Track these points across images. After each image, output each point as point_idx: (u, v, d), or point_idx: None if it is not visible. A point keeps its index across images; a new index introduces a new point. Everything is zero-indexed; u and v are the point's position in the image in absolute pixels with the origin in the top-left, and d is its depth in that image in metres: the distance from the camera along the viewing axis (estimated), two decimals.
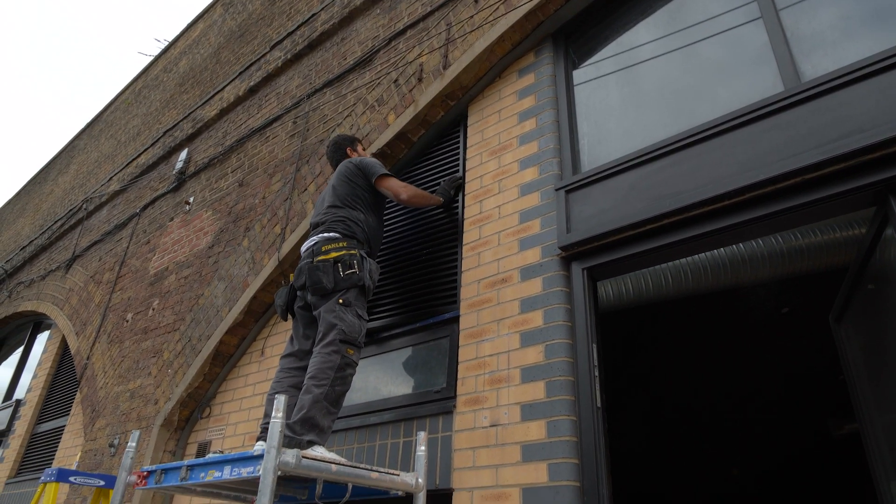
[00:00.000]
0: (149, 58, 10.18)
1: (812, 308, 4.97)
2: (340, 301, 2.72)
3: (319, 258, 2.83)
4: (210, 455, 2.45)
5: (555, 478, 2.38)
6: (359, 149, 3.63)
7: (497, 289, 3.02)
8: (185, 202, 5.99)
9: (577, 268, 2.83)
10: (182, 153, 6.49)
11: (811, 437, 7.33)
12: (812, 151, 2.29)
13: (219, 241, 5.13)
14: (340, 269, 2.78)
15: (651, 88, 3.17)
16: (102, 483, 3.98)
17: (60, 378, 7.11)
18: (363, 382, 3.46)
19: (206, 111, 6.50)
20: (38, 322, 8.46)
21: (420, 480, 2.46)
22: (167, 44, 9.25)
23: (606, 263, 2.78)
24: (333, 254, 2.83)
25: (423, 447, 2.54)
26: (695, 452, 7.85)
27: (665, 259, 2.85)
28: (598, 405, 2.48)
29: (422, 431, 2.60)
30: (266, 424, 2.75)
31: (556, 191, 3.04)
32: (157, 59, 9.44)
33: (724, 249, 3.59)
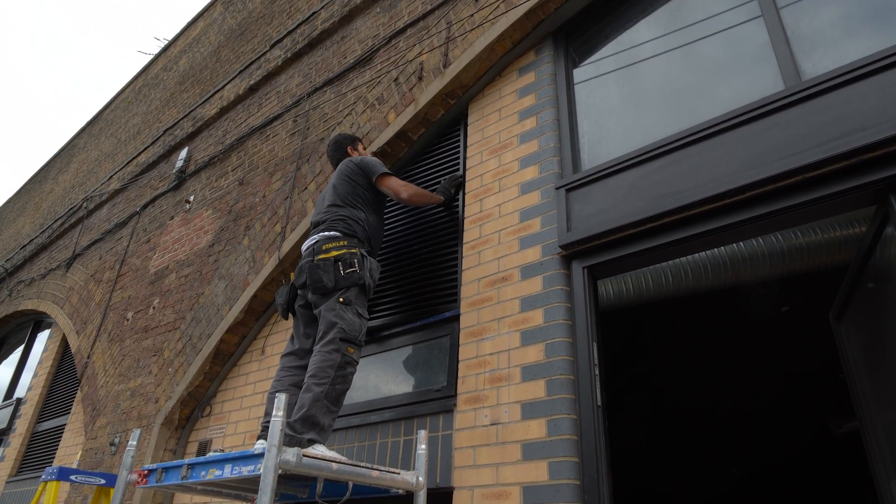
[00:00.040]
0: (149, 56, 10.19)
1: (812, 307, 4.97)
2: (341, 300, 2.72)
3: (320, 257, 2.83)
4: (211, 454, 2.46)
5: (555, 476, 2.38)
6: (360, 148, 3.63)
7: (497, 287, 3.02)
8: (186, 201, 5.99)
9: (578, 266, 2.83)
10: (182, 152, 6.49)
11: (811, 436, 7.33)
12: (812, 150, 2.29)
13: (219, 240, 5.13)
14: (341, 268, 2.78)
15: (651, 87, 3.17)
16: (103, 482, 3.99)
17: (61, 377, 7.11)
18: (363, 381, 3.46)
19: (207, 110, 6.50)
20: (39, 321, 8.47)
21: (420, 479, 2.46)
22: (167, 42, 9.25)
23: (607, 262, 2.78)
24: (334, 252, 2.83)
25: (424, 446, 2.55)
26: (695, 451, 7.85)
27: (665, 258, 2.85)
28: (599, 404, 2.49)
29: (422, 430, 2.60)
30: (267, 423, 2.75)
31: (557, 189, 3.04)
32: (158, 58, 9.44)
33: (725, 248, 3.60)
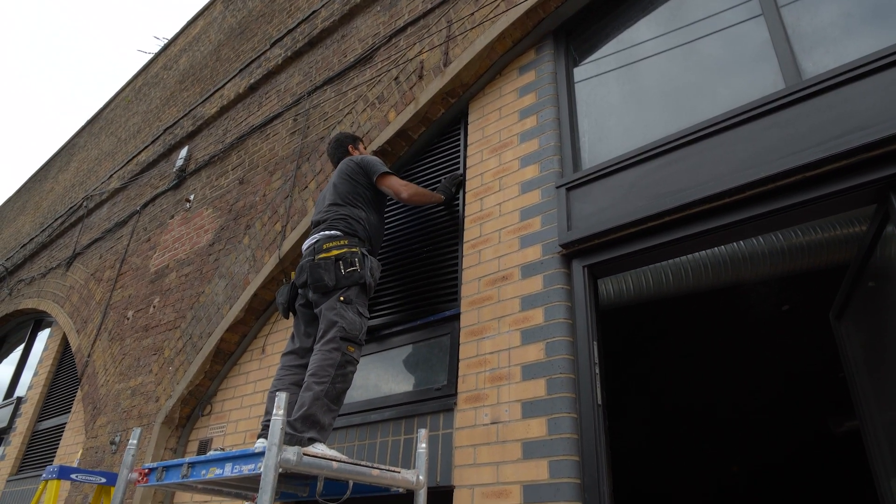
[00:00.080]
0: (149, 55, 10.18)
1: (812, 305, 4.97)
2: (341, 299, 2.73)
3: (321, 256, 2.83)
4: (211, 452, 2.46)
5: (555, 475, 2.39)
6: (360, 147, 3.64)
7: (498, 286, 3.02)
8: (186, 200, 5.99)
9: (578, 265, 2.83)
10: (182, 151, 6.49)
11: (811, 435, 7.33)
12: (813, 149, 2.29)
13: (219, 239, 5.13)
14: (342, 267, 2.78)
15: (652, 86, 3.17)
16: (104, 480, 4.00)
17: (61, 376, 7.12)
18: (364, 380, 3.46)
19: (207, 109, 6.49)
20: (39, 320, 8.47)
21: (421, 478, 2.46)
22: (167, 41, 9.24)
23: (607, 261, 2.78)
24: (335, 251, 2.83)
25: (424, 444, 2.55)
26: (695, 450, 7.86)
27: (666, 257, 2.85)
28: (599, 402, 2.49)
29: (423, 429, 2.60)
30: (267, 422, 2.75)
31: (557, 188, 3.04)
32: (158, 57, 9.43)
33: (725, 247, 3.59)
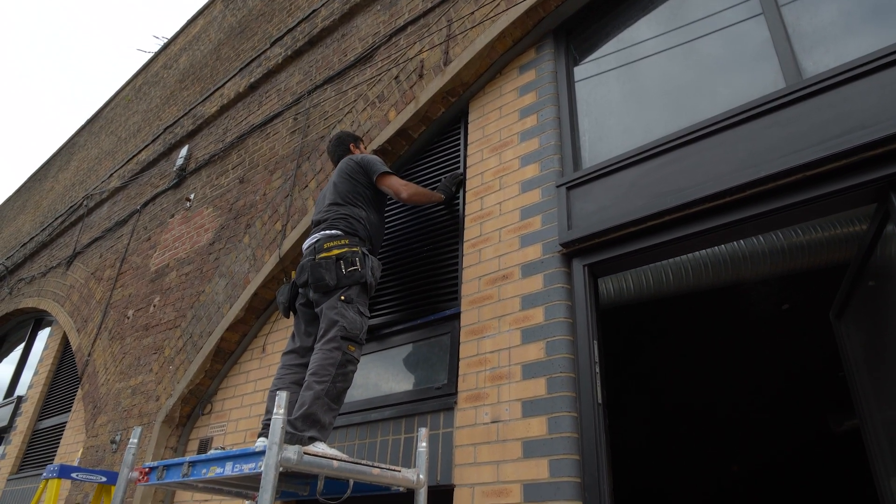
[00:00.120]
0: (148, 55, 10.15)
1: (813, 305, 4.97)
2: (342, 298, 2.73)
3: (322, 255, 2.83)
4: (212, 451, 2.46)
5: (556, 474, 2.39)
6: (361, 147, 3.64)
7: (498, 285, 3.03)
8: (186, 199, 5.99)
9: (579, 264, 2.83)
10: (182, 150, 6.48)
11: (812, 434, 7.33)
12: (813, 148, 2.29)
13: (220, 238, 5.13)
14: (343, 267, 2.78)
15: (652, 85, 3.17)
16: (104, 479, 4.00)
17: (62, 375, 7.12)
18: (364, 379, 3.47)
19: (207, 108, 6.49)
20: (39, 319, 8.47)
21: (421, 476, 2.46)
22: (167, 40, 9.24)
23: (607, 260, 2.78)
24: (336, 251, 2.83)
25: (425, 443, 2.55)
26: (695, 449, 7.86)
27: (666, 256, 2.85)
28: (599, 401, 2.49)
29: (423, 428, 2.60)
30: (267, 421, 2.76)
31: (557, 187, 3.04)
32: (157, 56, 9.42)
33: (725, 246, 3.60)
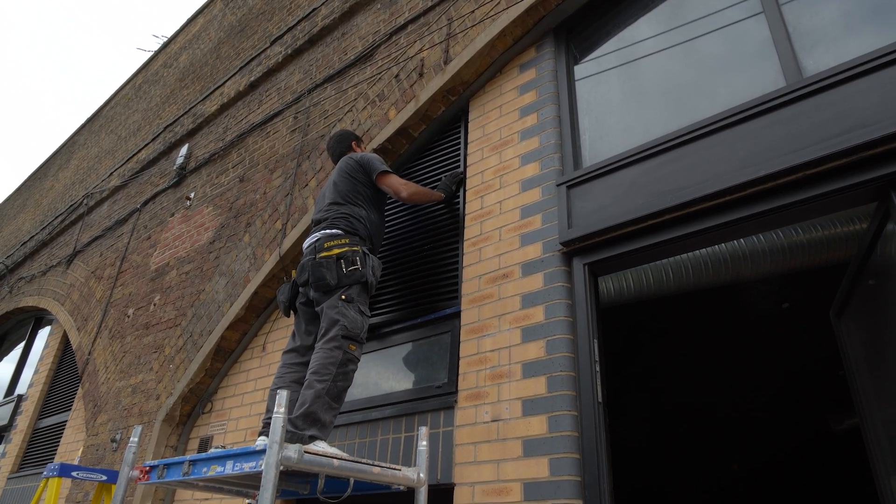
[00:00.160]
0: (148, 53, 10.15)
1: (813, 303, 4.97)
2: (343, 297, 2.73)
3: (322, 255, 2.83)
4: (212, 450, 2.46)
5: (556, 472, 2.39)
6: (362, 147, 3.64)
7: (498, 284, 3.03)
8: (186, 198, 5.98)
9: (579, 263, 2.83)
10: (182, 148, 6.48)
11: (811, 433, 7.34)
12: (813, 147, 2.29)
13: (220, 237, 5.13)
14: (343, 266, 2.79)
15: (652, 84, 3.16)
16: (105, 478, 4.00)
17: (62, 374, 7.12)
18: (364, 378, 3.47)
19: (207, 106, 6.49)
20: (40, 317, 8.47)
21: (422, 475, 2.47)
22: (167, 39, 9.23)
23: (608, 259, 2.78)
24: (336, 250, 2.83)
25: (425, 442, 2.55)
26: (695, 447, 7.86)
27: (666, 255, 2.85)
28: (600, 400, 2.49)
29: (423, 426, 2.61)
30: (268, 419, 2.76)
31: (558, 186, 3.04)
32: (157, 55, 9.42)
33: (725, 245, 3.60)
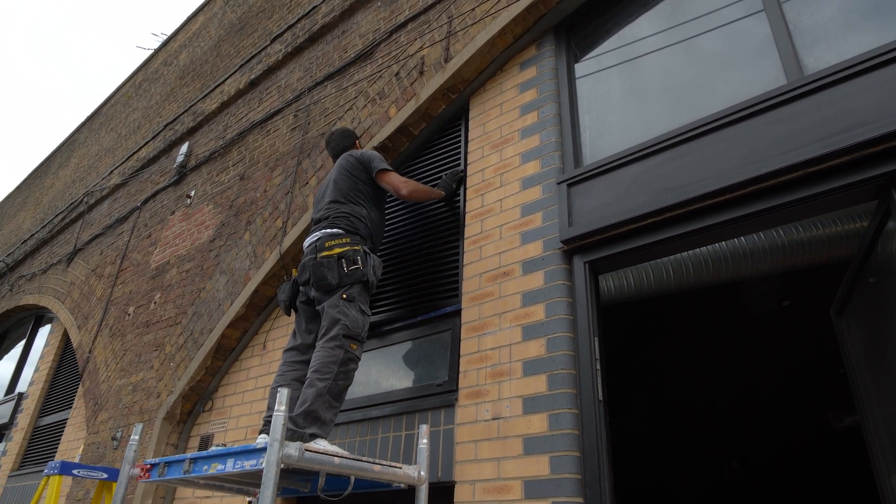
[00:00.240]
0: (147, 52, 10.14)
1: (813, 301, 4.97)
2: (344, 296, 2.73)
3: (323, 254, 2.83)
4: (213, 448, 2.47)
5: (556, 470, 2.39)
6: (360, 145, 3.64)
7: (499, 282, 3.03)
8: (187, 196, 5.98)
9: (579, 261, 2.83)
10: (183, 147, 6.48)
11: (812, 431, 7.35)
12: (814, 145, 2.29)
13: (220, 235, 5.13)
14: (345, 265, 2.78)
15: (653, 82, 3.16)
16: (105, 476, 4.00)
17: (62, 372, 7.13)
18: (365, 376, 3.47)
19: (207, 104, 6.48)
20: (40, 315, 8.48)
21: (422, 473, 2.47)
22: (167, 37, 9.22)
23: (608, 257, 2.78)
24: (337, 249, 2.83)
25: (426, 440, 2.55)
26: (696, 445, 7.87)
27: (667, 253, 2.85)
28: (600, 398, 2.49)
29: (424, 424, 2.60)
30: (269, 417, 2.76)
31: (558, 184, 3.04)
32: (158, 53, 9.41)
33: (726, 243, 3.60)
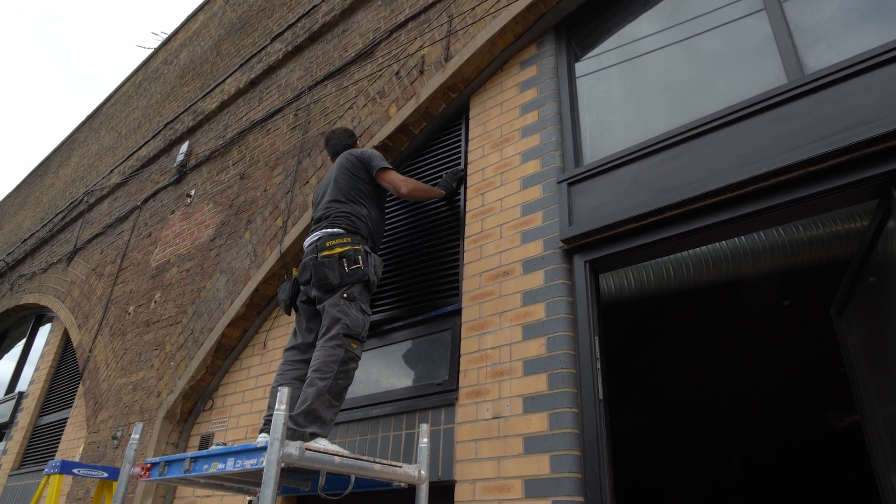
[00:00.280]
0: (147, 51, 10.13)
1: (813, 301, 4.97)
2: (345, 296, 2.73)
3: (324, 254, 2.83)
4: (213, 447, 2.47)
5: (557, 469, 2.39)
6: (360, 145, 3.64)
7: (499, 281, 3.03)
8: (187, 195, 5.98)
9: (580, 260, 2.83)
10: (183, 146, 6.48)
11: (812, 430, 7.35)
12: (814, 144, 2.29)
13: (220, 234, 5.13)
14: (345, 265, 2.79)
15: (653, 81, 3.16)
16: (106, 475, 4.01)
17: (63, 371, 7.13)
18: (365, 375, 3.47)
19: (207, 103, 6.48)
20: (40, 315, 8.48)
21: (423, 472, 2.47)
22: (167, 36, 9.21)
23: (608, 256, 2.78)
24: (338, 249, 2.83)
25: (426, 439, 2.55)
26: (696, 445, 7.88)
27: (667, 252, 2.85)
28: (600, 397, 2.49)
29: (424, 423, 2.61)
30: (269, 416, 2.76)
31: (559, 183, 3.04)
32: (158, 52, 9.40)
33: (726, 242, 3.59)
